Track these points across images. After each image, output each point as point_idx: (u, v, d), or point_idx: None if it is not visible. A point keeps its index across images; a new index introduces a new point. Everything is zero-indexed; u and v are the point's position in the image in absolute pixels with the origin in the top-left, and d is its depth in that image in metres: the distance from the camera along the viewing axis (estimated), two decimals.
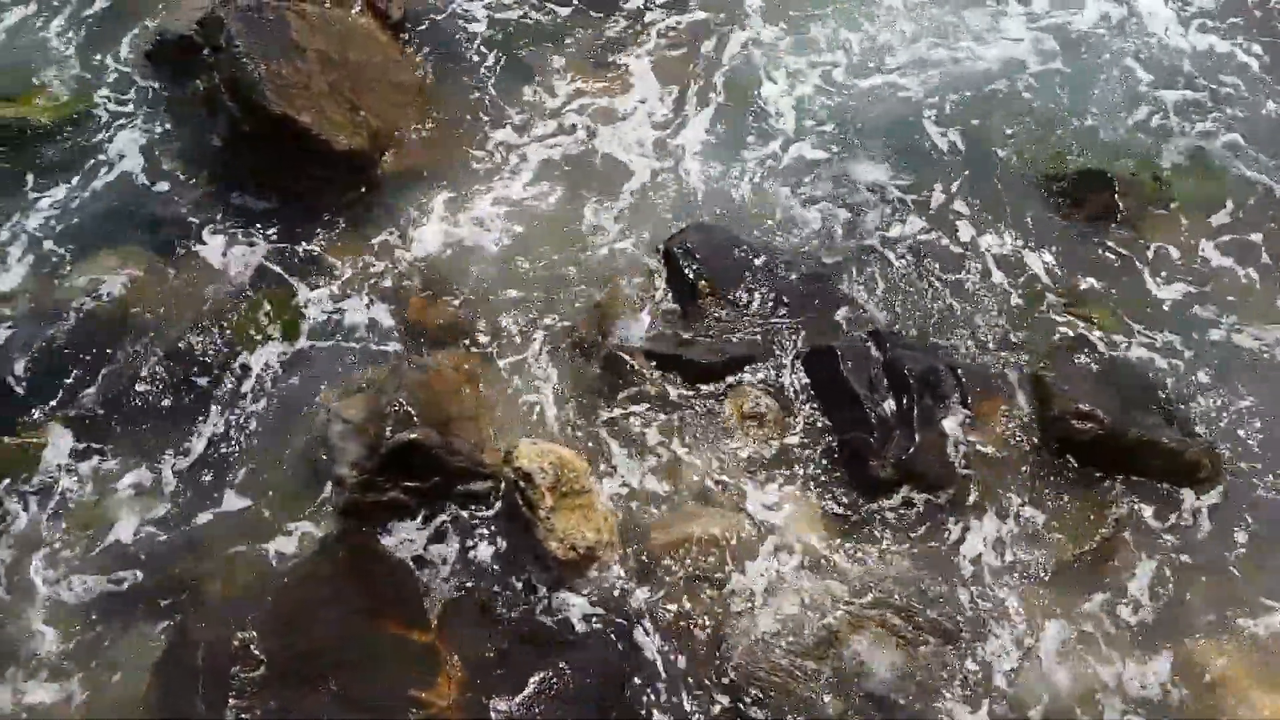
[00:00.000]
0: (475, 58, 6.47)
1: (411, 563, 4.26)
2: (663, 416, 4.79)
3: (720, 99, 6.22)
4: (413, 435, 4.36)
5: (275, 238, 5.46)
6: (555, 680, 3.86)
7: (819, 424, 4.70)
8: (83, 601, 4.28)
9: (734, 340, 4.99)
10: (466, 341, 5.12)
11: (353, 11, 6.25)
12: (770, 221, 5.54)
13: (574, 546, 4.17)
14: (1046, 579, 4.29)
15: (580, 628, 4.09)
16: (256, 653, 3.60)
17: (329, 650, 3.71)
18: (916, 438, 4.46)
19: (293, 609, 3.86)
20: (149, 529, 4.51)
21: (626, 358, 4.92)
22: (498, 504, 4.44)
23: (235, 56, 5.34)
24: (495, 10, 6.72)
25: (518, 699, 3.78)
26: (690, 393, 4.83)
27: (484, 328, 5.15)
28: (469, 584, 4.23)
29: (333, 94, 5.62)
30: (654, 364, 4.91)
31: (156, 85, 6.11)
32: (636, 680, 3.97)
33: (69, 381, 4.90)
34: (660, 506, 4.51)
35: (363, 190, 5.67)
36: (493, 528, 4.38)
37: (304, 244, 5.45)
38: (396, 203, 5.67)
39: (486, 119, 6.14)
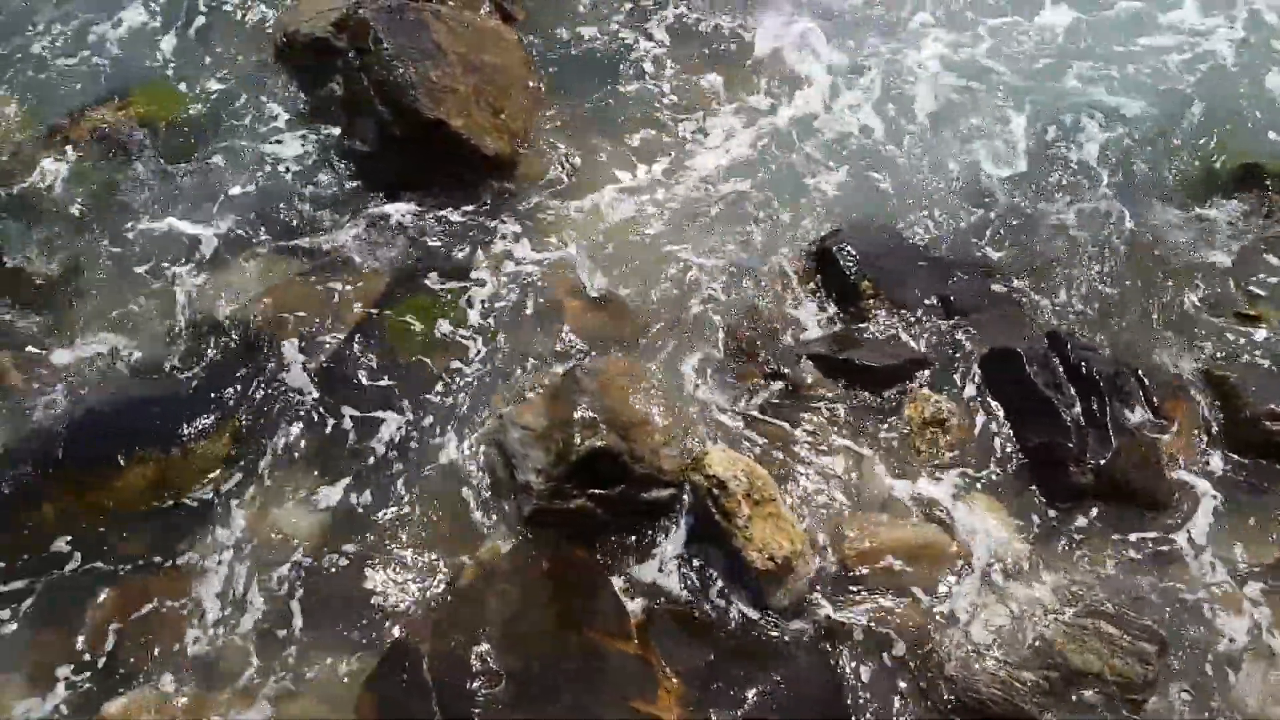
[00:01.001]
0: (589, 54, 6.41)
1: (604, 572, 4.18)
2: (836, 423, 4.70)
3: (857, 94, 6.14)
4: (602, 442, 4.27)
5: (424, 242, 5.38)
6: (771, 693, 3.77)
7: (1004, 429, 4.60)
8: (271, 617, 4.22)
9: (903, 342, 4.90)
10: (625, 345, 5.03)
11: (481, 12, 6.19)
12: (928, 220, 5.45)
13: (772, 557, 4.08)
14: (1257, 580, 4.18)
15: (786, 639, 4.00)
16: (495, 667, 3.51)
17: (550, 663, 3.63)
18: (1113, 442, 4.35)
19: (504, 620, 3.76)
20: (321, 539, 4.45)
21: (791, 362, 4.83)
22: (684, 512, 4.35)
23: (386, 59, 5.28)
24: (603, 5, 6.66)
25: (739, 713, 3.69)
26: (863, 397, 4.74)
27: (640, 331, 5.06)
28: (666, 594, 4.14)
29: (475, 97, 5.56)
30: (822, 368, 4.81)
31: (288, 86, 6.05)
32: (850, 694, 3.87)
33: (230, 393, 4.83)
34: (846, 516, 4.42)
35: (504, 193, 5.60)
36: (682, 537, 4.29)
37: (453, 248, 5.37)
38: (538, 205, 5.59)
39: (610, 118, 6.08)
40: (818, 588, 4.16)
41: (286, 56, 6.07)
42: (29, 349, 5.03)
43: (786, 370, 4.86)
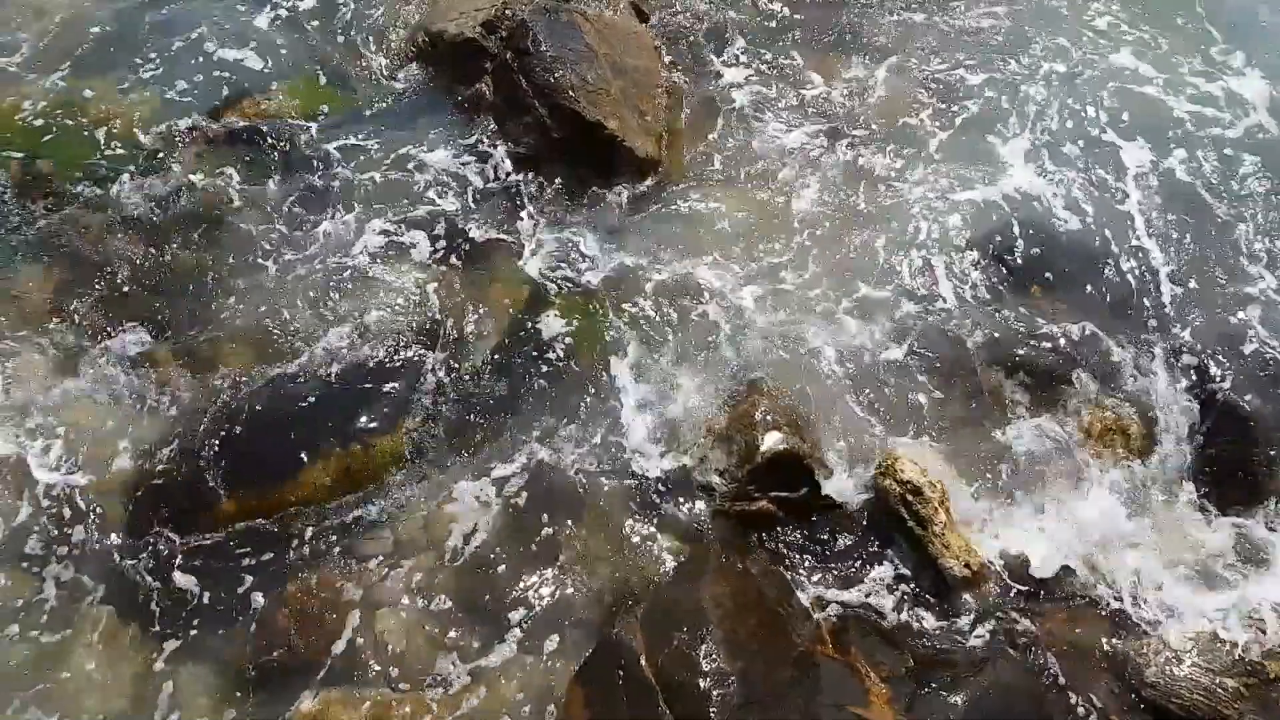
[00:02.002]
0: (715, 54, 6.43)
1: (790, 574, 4.21)
2: (1003, 426, 4.71)
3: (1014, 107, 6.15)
4: (787, 444, 4.31)
5: (576, 243, 5.41)
6: (977, 700, 3.79)
7: (1188, 435, 4.60)
8: (456, 612, 4.26)
9: (1075, 341, 4.90)
10: (788, 349, 5.03)
11: (619, 11, 6.21)
12: (1089, 217, 5.45)
13: (968, 564, 4.10)
14: None
15: (981, 645, 4.01)
16: (723, 668, 3.54)
17: (770, 667, 3.65)
18: None
19: (713, 621, 3.79)
20: (498, 534, 4.49)
21: (958, 363, 4.84)
22: (865, 517, 4.37)
23: (547, 61, 5.31)
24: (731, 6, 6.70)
25: (949, 718, 3.71)
26: (1031, 396, 4.75)
27: (806, 334, 5.07)
28: (854, 600, 4.16)
29: (624, 100, 5.59)
30: (990, 365, 4.82)
31: (431, 86, 6.08)
32: (1053, 699, 3.88)
33: (400, 391, 4.87)
34: (1023, 521, 4.43)
35: (650, 195, 5.62)
36: (868, 541, 4.31)
37: (605, 250, 5.39)
38: (683, 206, 5.61)
39: (743, 116, 6.08)
40: (1009, 595, 4.17)
41: (428, 56, 6.10)
42: (183, 343, 5.09)
43: (958, 372, 4.87)
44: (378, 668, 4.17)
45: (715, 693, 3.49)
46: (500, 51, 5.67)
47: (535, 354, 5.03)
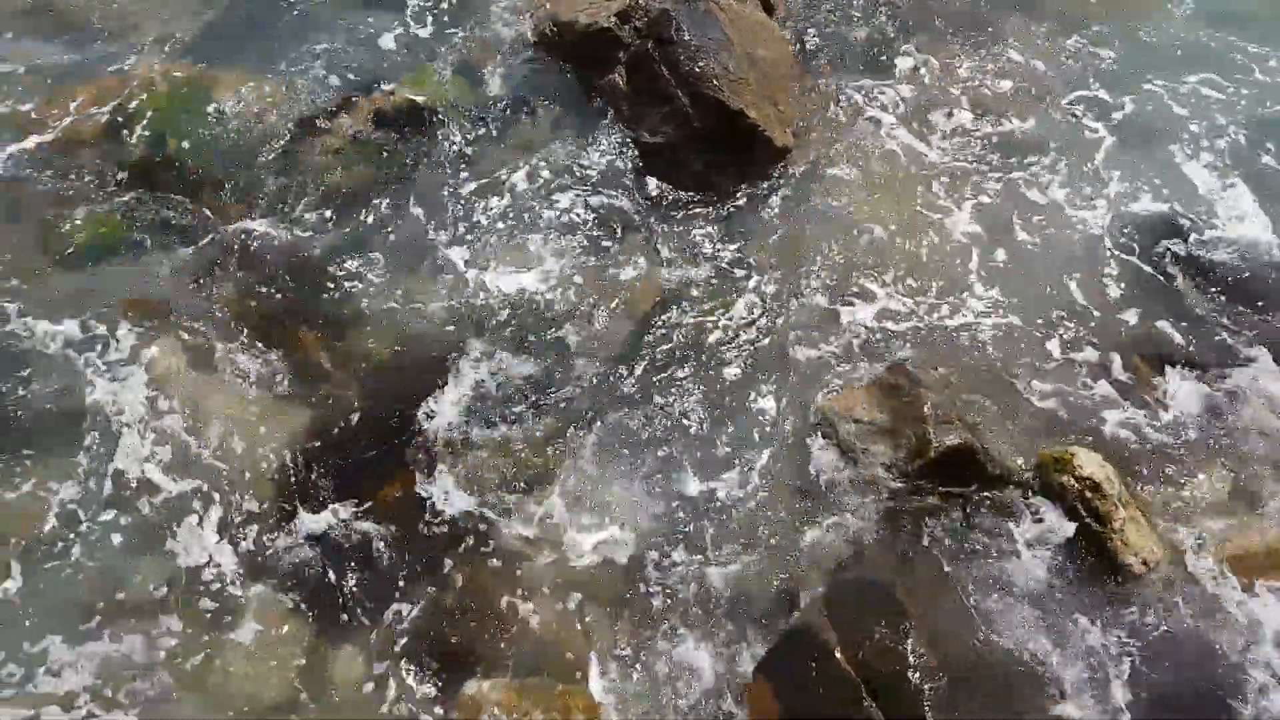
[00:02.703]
0: (843, 49, 6.38)
1: (964, 568, 4.14)
2: (1172, 418, 4.64)
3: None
4: (960, 439, 4.25)
5: (709, 231, 5.36)
6: (1161, 697, 3.72)
7: None
8: (615, 601, 4.23)
9: (1239, 335, 4.84)
10: (935, 339, 4.98)
11: (746, 1, 6.16)
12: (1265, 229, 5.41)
13: (1145, 560, 4.04)
14: None
15: (1170, 645, 3.94)
16: (932, 664, 3.48)
17: (960, 660, 3.59)
18: None
19: (910, 615, 3.73)
20: (654, 530, 4.43)
21: (1123, 358, 4.79)
22: (1032, 512, 4.31)
23: (691, 50, 5.27)
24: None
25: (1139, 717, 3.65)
26: (1201, 395, 4.69)
27: (953, 327, 5.01)
28: (1028, 594, 4.10)
29: (759, 90, 5.55)
30: (1154, 363, 4.77)
31: (558, 75, 6.03)
32: (1240, 697, 3.82)
33: (544, 379, 4.84)
34: (1198, 513, 4.36)
35: (783, 183, 5.57)
36: (1039, 535, 4.25)
37: (740, 236, 5.35)
38: (815, 193, 5.55)
39: (867, 108, 6.02)
40: (1191, 590, 4.10)
41: (555, 46, 6.05)
42: (327, 331, 5.06)
43: (1126, 368, 4.82)
44: (542, 656, 4.14)
45: (926, 687, 3.43)
46: (635, 40, 5.62)
47: (671, 344, 4.99)
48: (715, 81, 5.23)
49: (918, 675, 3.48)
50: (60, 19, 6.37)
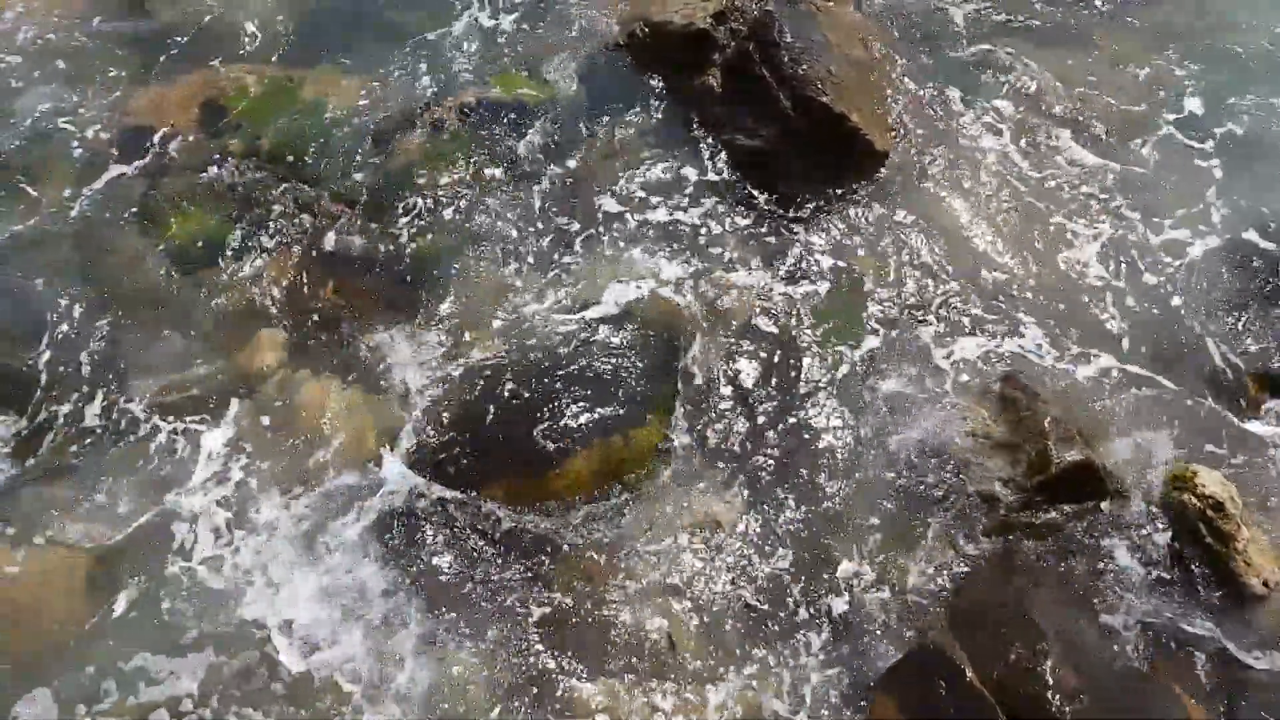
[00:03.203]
0: (924, 48, 6.30)
1: (1085, 587, 4.12)
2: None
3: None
4: (1083, 455, 4.22)
5: (816, 241, 5.31)
6: None
7: None
8: (718, 606, 4.24)
9: None
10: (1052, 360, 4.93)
11: (837, 1, 6.09)
12: None
13: (1266, 581, 4.01)
14: None
15: None
16: (1073, 684, 3.48)
17: (1094, 679, 3.59)
18: None
19: (1032, 632, 3.72)
20: (758, 537, 4.44)
21: (1238, 379, 4.75)
22: (1155, 529, 4.28)
23: (795, 52, 5.22)
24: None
25: None
26: None
27: (1063, 345, 4.95)
28: (1154, 612, 4.07)
29: (858, 93, 5.49)
30: (1265, 384, 4.72)
31: (646, 76, 5.98)
32: None
33: (650, 383, 4.82)
34: None
35: (880, 191, 5.52)
36: (1158, 554, 4.21)
37: (848, 248, 5.29)
38: (915, 206, 5.49)
39: (959, 115, 5.93)
40: None
41: (643, 47, 6.00)
42: (433, 328, 5.06)
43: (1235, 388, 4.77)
44: (657, 660, 4.15)
45: (1067, 707, 3.42)
46: (730, 42, 5.57)
47: (773, 356, 4.96)
48: (819, 84, 5.18)
49: (1056, 696, 3.47)
50: (153, 17, 6.38)
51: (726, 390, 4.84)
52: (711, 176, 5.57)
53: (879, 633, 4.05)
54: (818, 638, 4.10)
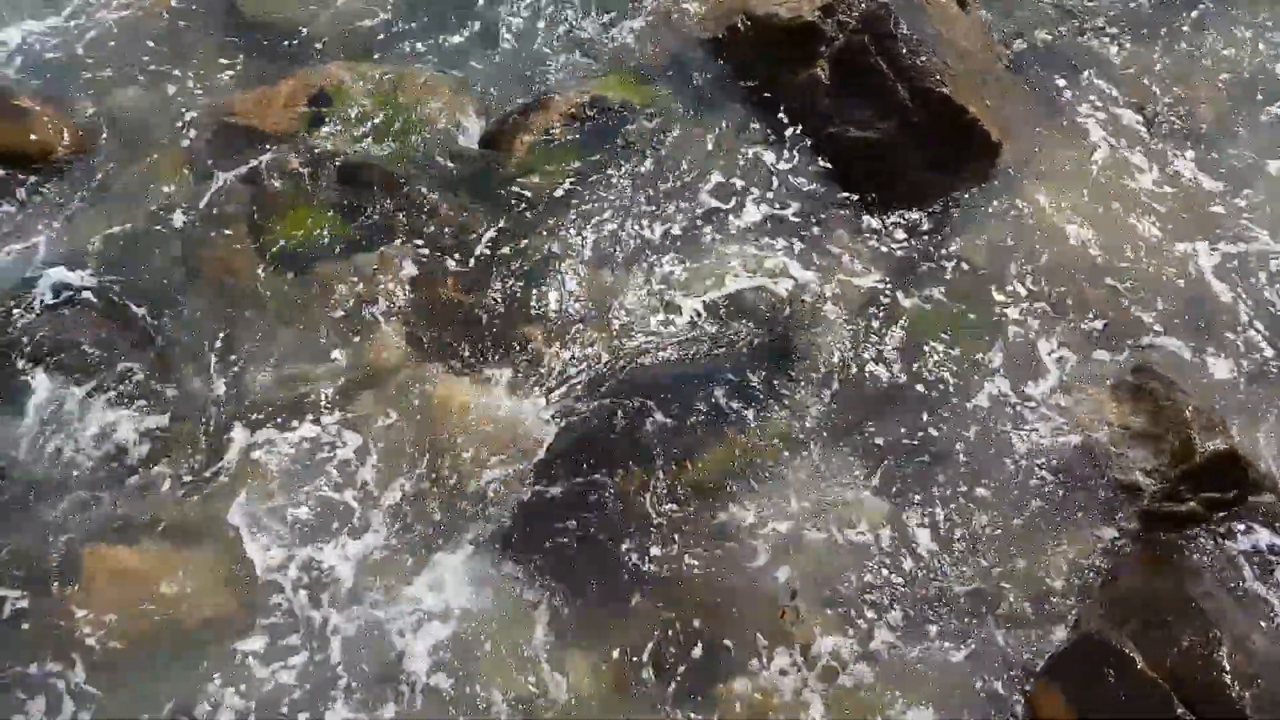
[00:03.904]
0: (1027, 38, 6.28)
1: (1234, 578, 4.12)
2: None
3: None
4: (1227, 443, 4.22)
5: (936, 237, 5.30)
6: None
7: None
8: (856, 599, 4.25)
9: None
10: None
11: None
12: None
13: None
14: None
15: None
16: (1250, 671, 3.48)
17: (1267, 667, 3.58)
18: None
19: (1203, 621, 3.72)
20: (891, 527, 4.45)
21: None
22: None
23: (913, 44, 5.23)
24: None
25: None
26: None
27: (1195, 348, 4.92)
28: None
29: (969, 84, 5.49)
30: None
31: (748, 70, 5.96)
32: None
33: (778, 376, 4.85)
34: None
35: (996, 189, 5.50)
36: None
37: (967, 243, 5.29)
38: (1030, 200, 5.48)
39: (1067, 108, 5.92)
40: None
41: (744, 41, 5.98)
42: (553, 326, 5.09)
43: None
44: (796, 658, 4.16)
45: (1246, 694, 3.42)
46: (838, 35, 5.56)
47: (899, 341, 4.98)
48: (938, 76, 5.18)
49: (1235, 683, 3.47)
50: (249, 17, 6.41)
51: (851, 384, 4.85)
52: (821, 169, 5.57)
53: (1032, 624, 4.06)
54: (967, 630, 4.11)
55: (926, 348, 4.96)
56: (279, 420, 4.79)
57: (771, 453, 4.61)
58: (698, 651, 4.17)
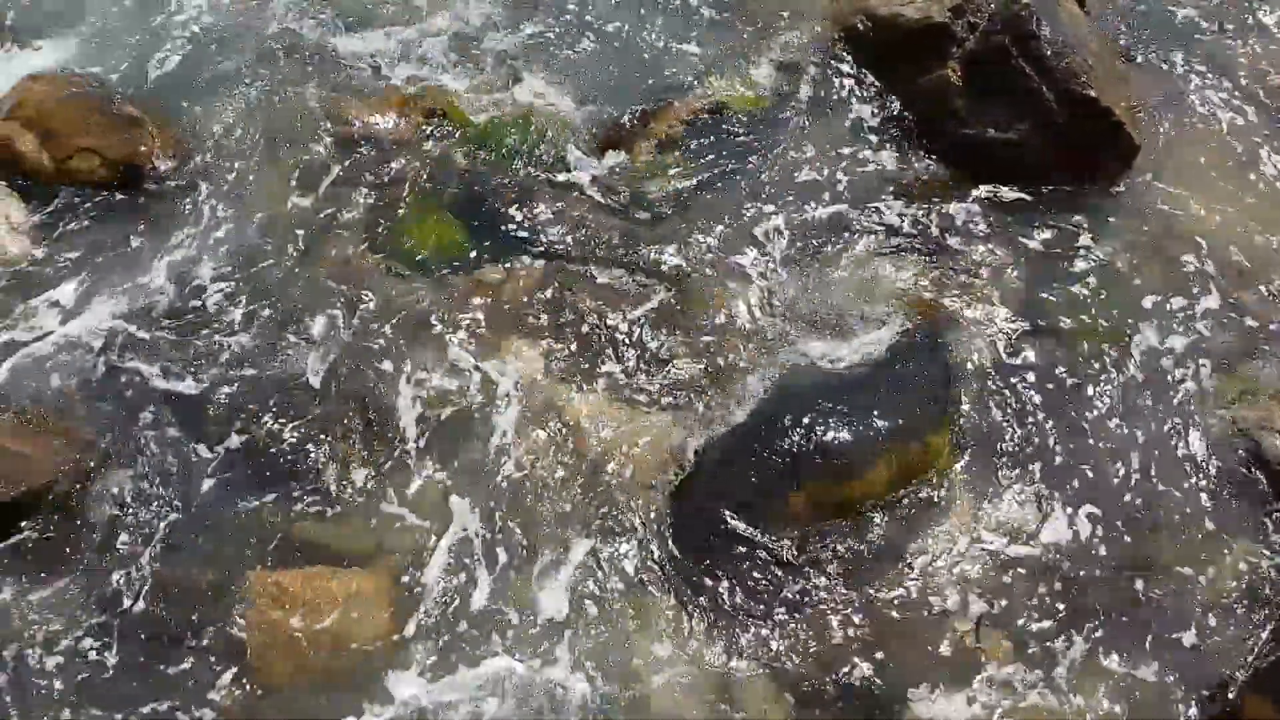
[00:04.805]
0: (1149, 39, 6.19)
1: None
2: None
3: None
4: None
5: (1080, 242, 5.20)
6: None
7: None
8: (1017, 615, 4.16)
9: None
10: None
11: None
12: None
13: None
14: None
15: None
16: None
17: None
18: None
19: None
20: (1045, 535, 4.36)
21: None
22: None
23: (1058, 45, 5.12)
24: None
25: None
26: None
27: None
28: None
29: (1107, 85, 5.38)
30: None
31: (869, 72, 5.87)
32: None
33: (929, 394, 4.74)
34: None
35: (1138, 191, 5.40)
36: None
37: (1105, 238, 5.20)
38: (1165, 196, 5.38)
39: (1198, 109, 5.82)
40: None
41: (866, 42, 5.89)
42: (678, 338, 4.97)
43: None
44: (982, 675, 4.05)
45: None
46: (968, 36, 5.46)
47: (1051, 348, 4.86)
48: (1084, 78, 5.07)
49: None
50: (358, 20, 6.32)
51: (1005, 392, 4.73)
52: (954, 171, 5.47)
53: (1225, 635, 3.95)
54: (1154, 642, 4.01)
55: (1080, 356, 4.85)
56: (426, 440, 4.68)
57: (934, 469, 4.50)
58: (877, 675, 4.06)
